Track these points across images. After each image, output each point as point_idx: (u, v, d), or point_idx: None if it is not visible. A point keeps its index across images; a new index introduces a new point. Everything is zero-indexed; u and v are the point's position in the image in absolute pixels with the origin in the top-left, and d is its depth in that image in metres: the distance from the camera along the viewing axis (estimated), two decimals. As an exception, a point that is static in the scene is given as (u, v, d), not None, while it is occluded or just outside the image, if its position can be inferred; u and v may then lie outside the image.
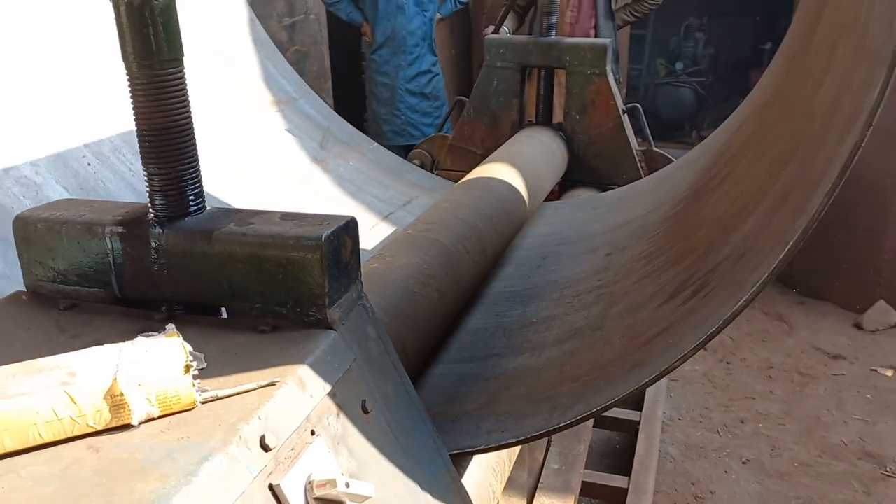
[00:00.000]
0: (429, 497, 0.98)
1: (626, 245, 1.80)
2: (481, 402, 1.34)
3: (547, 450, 2.25)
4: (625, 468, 2.35)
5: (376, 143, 2.81)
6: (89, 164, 1.73)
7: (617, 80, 3.74)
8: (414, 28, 4.05)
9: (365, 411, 0.93)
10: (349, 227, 0.97)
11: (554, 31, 2.82)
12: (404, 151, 3.84)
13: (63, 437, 0.73)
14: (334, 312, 0.94)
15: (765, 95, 1.79)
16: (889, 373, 3.17)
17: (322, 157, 2.46)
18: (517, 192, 2.27)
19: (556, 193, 2.82)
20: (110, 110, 1.83)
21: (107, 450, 0.73)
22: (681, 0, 8.17)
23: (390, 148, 3.78)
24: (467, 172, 2.42)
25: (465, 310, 1.77)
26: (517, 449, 1.68)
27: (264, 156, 2.28)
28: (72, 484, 0.68)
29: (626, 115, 2.85)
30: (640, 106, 2.97)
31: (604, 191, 2.74)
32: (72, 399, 0.73)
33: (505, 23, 3.65)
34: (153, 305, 1.01)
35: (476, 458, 1.38)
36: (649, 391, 2.70)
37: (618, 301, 1.51)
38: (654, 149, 2.86)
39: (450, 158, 3.05)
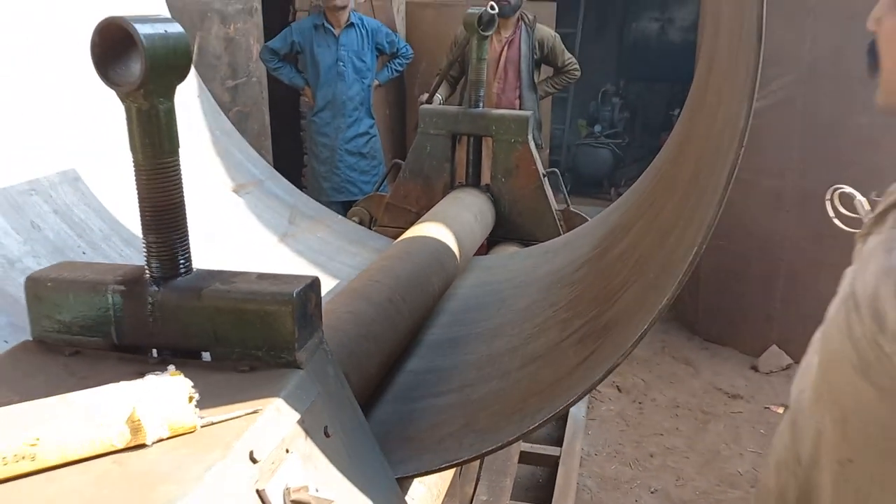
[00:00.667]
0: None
1: (541, 296, 2.08)
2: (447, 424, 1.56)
3: (476, 483, 2.47)
4: (546, 500, 2.59)
5: (340, 216, 3.04)
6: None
7: (539, 145, 4.10)
8: (353, 94, 4.34)
9: (327, 435, 1.14)
10: (314, 286, 1.20)
11: (482, 103, 3.13)
12: (343, 207, 4.07)
13: (93, 454, 0.92)
14: (301, 355, 1.15)
15: (655, 171, 2.12)
16: (780, 410, 3.54)
17: (292, 231, 2.67)
18: (449, 248, 2.52)
19: (484, 248, 3.10)
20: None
21: (129, 463, 0.92)
22: (599, 67, 8.81)
23: (329, 204, 4.01)
24: (404, 229, 2.66)
25: (403, 354, 2.00)
26: (449, 481, 1.90)
27: (239, 230, 2.49)
28: (105, 488, 0.87)
29: (545, 178, 3.16)
30: (557, 171, 3.29)
31: (526, 246, 3.04)
32: (101, 424, 0.93)
33: (438, 91, 3.98)
34: (145, 351, 1.20)
35: (415, 483, 1.60)
36: (568, 429, 2.96)
37: (534, 344, 1.77)
38: (571, 209, 3.19)
39: (387, 216, 3.29)
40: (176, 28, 1.09)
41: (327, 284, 2.50)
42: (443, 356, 2.05)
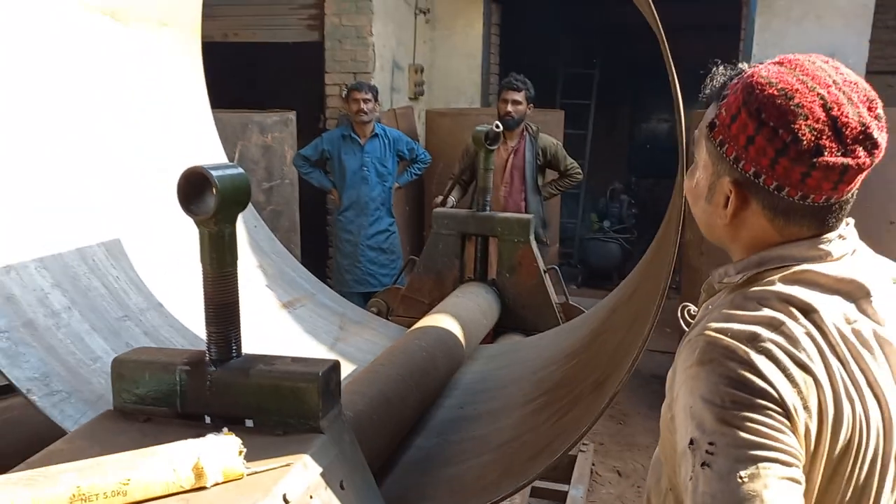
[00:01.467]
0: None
1: (529, 386, 2.39)
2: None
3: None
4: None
5: (383, 320, 3.39)
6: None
7: (544, 242, 4.46)
8: (375, 195, 4.78)
9: (342, 488, 1.44)
10: (335, 368, 1.52)
11: (489, 207, 3.50)
12: (363, 298, 4.43)
13: (167, 493, 1.23)
14: (324, 423, 1.46)
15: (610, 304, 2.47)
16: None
17: (343, 335, 3.04)
18: (456, 337, 2.83)
19: (491, 336, 3.40)
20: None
21: (193, 500, 1.23)
22: (609, 165, 9.30)
23: (351, 295, 4.37)
24: (417, 318, 2.98)
25: (412, 431, 2.29)
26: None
27: (298, 337, 2.86)
28: None
29: (546, 274, 3.49)
30: (557, 268, 3.62)
31: (529, 335, 3.33)
32: (175, 471, 1.24)
33: (451, 193, 4.39)
34: (201, 418, 1.52)
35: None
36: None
37: (521, 424, 2.07)
38: (570, 302, 3.50)
39: (402, 307, 3.62)
40: (240, 172, 1.47)
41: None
42: (448, 433, 2.34)
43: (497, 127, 3.35)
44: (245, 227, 3.14)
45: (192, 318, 2.40)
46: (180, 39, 2.93)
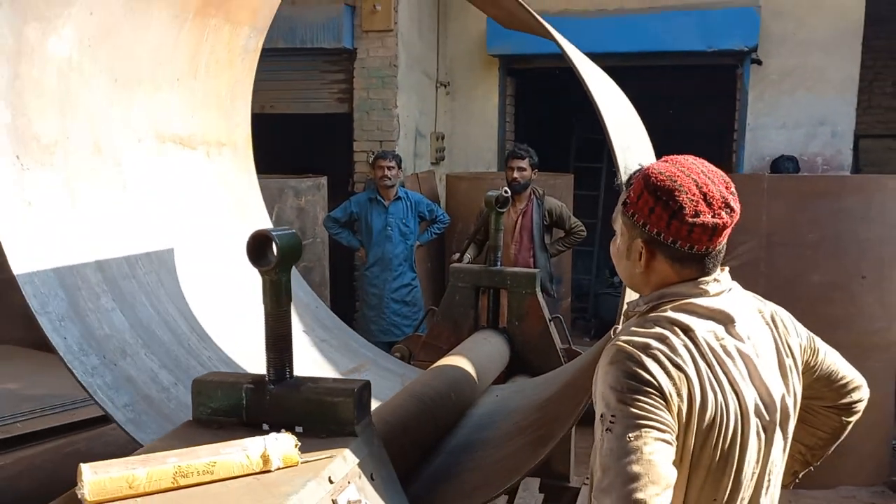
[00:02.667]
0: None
1: (532, 409, 2.78)
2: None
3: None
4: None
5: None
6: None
7: (552, 296, 4.86)
8: (398, 252, 5.25)
9: (371, 478, 1.84)
10: (366, 387, 1.93)
11: (499, 263, 3.92)
12: (387, 347, 4.84)
13: (242, 473, 1.63)
14: (358, 429, 1.87)
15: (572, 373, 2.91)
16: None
17: None
18: (470, 376, 3.22)
19: (502, 378, 3.77)
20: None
21: (262, 480, 1.63)
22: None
23: (376, 344, 4.78)
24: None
25: (429, 452, 2.67)
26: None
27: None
28: (252, 492, 1.57)
29: (551, 323, 3.87)
30: (560, 317, 4.01)
31: (535, 377, 3.71)
32: (248, 457, 1.65)
33: (468, 251, 4.83)
34: (260, 425, 1.94)
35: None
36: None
37: (520, 439, 2.46)
38: (573, 348, 3.88)
39: (423, 352, 4.01)
40: (294, 233, 1.92)
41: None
42: (458, 456, 2.72)
43: (506, 192, 3.81)
44: (308, 308, 3.62)
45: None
46: (238, 154, 3.47)
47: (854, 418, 1.70)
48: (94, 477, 1.51)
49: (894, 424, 4.60)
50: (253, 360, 2.71)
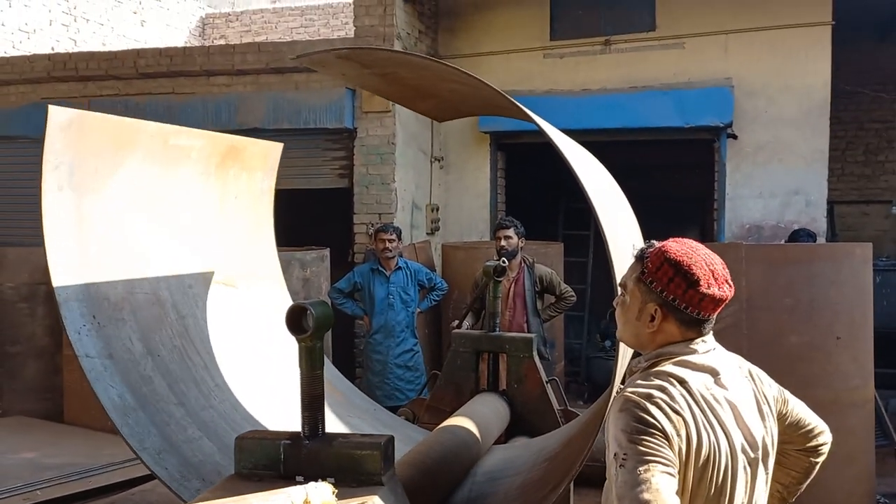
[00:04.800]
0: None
1: (532, 467, 3.01)
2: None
3: None
4: None
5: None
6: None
7: (546, 359, 5.11)
8: (401, 319, 5.52)
9: (398, 524, 2.07)
10: (391, 441, 2.18)
11: (498, 328, 4.19)
12: (391, 411, 5.05)
13: (287, 517, 1.87)
14: (384, 479, 2.10)
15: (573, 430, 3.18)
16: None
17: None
18: (475, 435, 3.44)
19: (503, 438, 3.98)
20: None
21: (305, 522, 1.86)
22: (609, 289, 10.02)
23: (380, 408, 4.99)
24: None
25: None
26: None
27: None
28: None
29: (548, 384, 4.11)
30: (557, 380, 4.25)
31: (534, 437, 3.92)
32: (292, 502, 1.89)
33: (466, 319, 5.10)
34: (294, 478, 2.17)
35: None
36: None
37: (525, 493, 2.69)
38: (569, 408, 4.11)
39: (427, 415, 4.21)
40: (327, 304, 2.21)
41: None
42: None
43: (503, 262, 4.11)
44: (345, 394, 3.91)
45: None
46: (272, 283, 3.85)
47: (820, 459, 1.96)
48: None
49: (877, 479, 4.81)
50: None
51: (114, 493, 4.22)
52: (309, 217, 7.80)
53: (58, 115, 2.48)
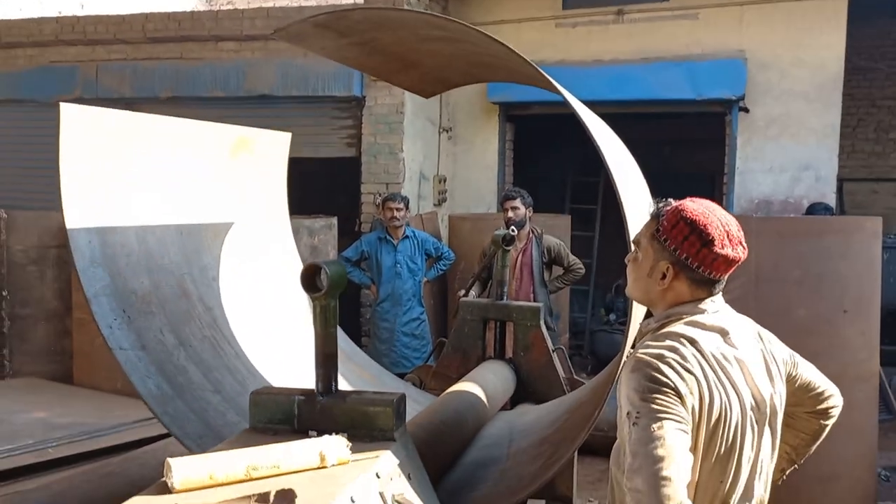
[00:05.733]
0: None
1: (529, 440, 3.05)
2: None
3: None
4: None
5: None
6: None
7: (552, 329, 5.13)
8: (408, 288, 5.54)
9: (409, 478, 2.09)
10: (403, 398, 2.20)
11: (505, 297, 4.21)
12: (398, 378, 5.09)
13: (302, 469, 1.89)
14: (396, 435, 2.13)
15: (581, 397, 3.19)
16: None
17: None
18: (482, 400, 3.47)
19: (508, 405, 4.02)
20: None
21: (321, 474, 1.88)
22: (615, 263, 10.04)
23: (387, 375, 5.03)
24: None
25: (446, 470, 2.92)
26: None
27: None
28: (313, 482, 1.83)
29: (554, 353, 4.13)
30: (563, 348, 4.28)
31: (539, 404, 3.96)
32: (306, 455, 1.91)
33: (472, 288, 5.12)
34: (307, 433, 2.19)
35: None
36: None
37: (533, 456, 2.72)
38: (574, 377, 4.14)
39: (434, 381, 4.25)
40: (341, 264, 2.22)
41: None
42: (474, 471, 2.97)
43: (512, 231, 4.12)
44: (353, 358, 3.97)
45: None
46: (291, 270, 3.91)
47: (830, 422, 1.98)
48: (181, 469, 1.77)
49: (879, 453, 4.86)
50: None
51: (125, 451, 4.27)
52: (316, 186, 7.79)
53: (70, 113, 2.48)
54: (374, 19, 2.75)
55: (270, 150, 3.82)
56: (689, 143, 9.43)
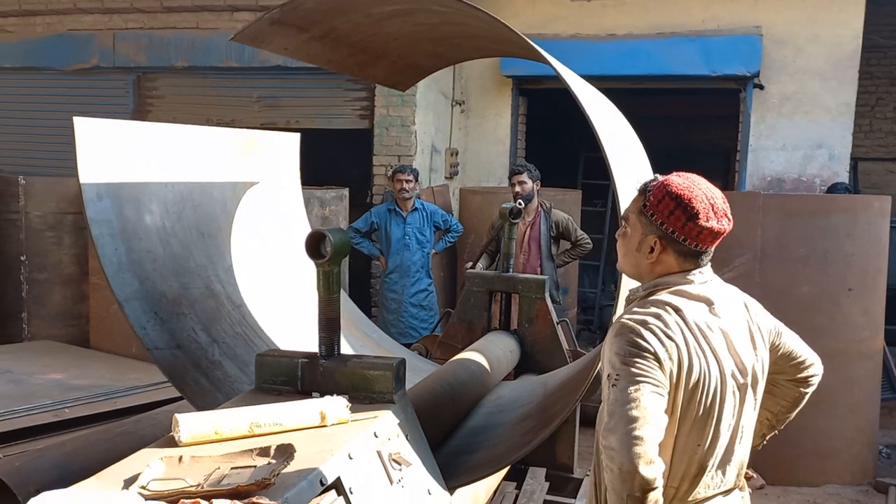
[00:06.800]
0: (430, 478, 2.21)
1: (527, 408, 3.13)
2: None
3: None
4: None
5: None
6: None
7: (558, 302, 5.18)
8: (416, 259, 5.61)
9: (407, 439, 2.18)
10: (403, 363, 2.28)
11: (511, 269, 4.26)
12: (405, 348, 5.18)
13: (303, 427, 1.97)
14: (396, 397, 2.20)
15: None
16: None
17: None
18: (486, 369, 3.55)
19: (511, 376, 4.10)
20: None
21: (321, 432, 1.96)
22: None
23: (394, 344, 5.12)
24: (452, 360, 3.71)
25: (447, 436, 3.00)
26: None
27: None
28: (314, 439, 1.91)
29: (559, 325, 4.20)
30: (568, 321, 4.34)
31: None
32: (308, 414, 1.99)
33: (480, 260, 5.18)
34: (310, 394, 2.28)
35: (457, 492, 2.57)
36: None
37: (526, 423, 2.80)
38: (578, 349, 4.21)
39: (439, 351, 4.33)
40: (344, 231, 2.28)
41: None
42: (473, 436, 3.05)
43: (520, 204, 4.16)
44: (359, 326, 4.05)
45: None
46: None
47: (810, 390, 2.03)
48: (188, 424, 1.86)
49: (881, 430, 4.90)
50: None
51: (139, 413, 4.39)
52: (328, 157, 7.85)
53: (85, 127, 2.55)
54: (326, 3, 2.69)
55: (282, 150, 3.90)
56: (702, 119, 9.36)
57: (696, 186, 1.76)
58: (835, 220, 4.47)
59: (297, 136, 4.07)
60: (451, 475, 2.48)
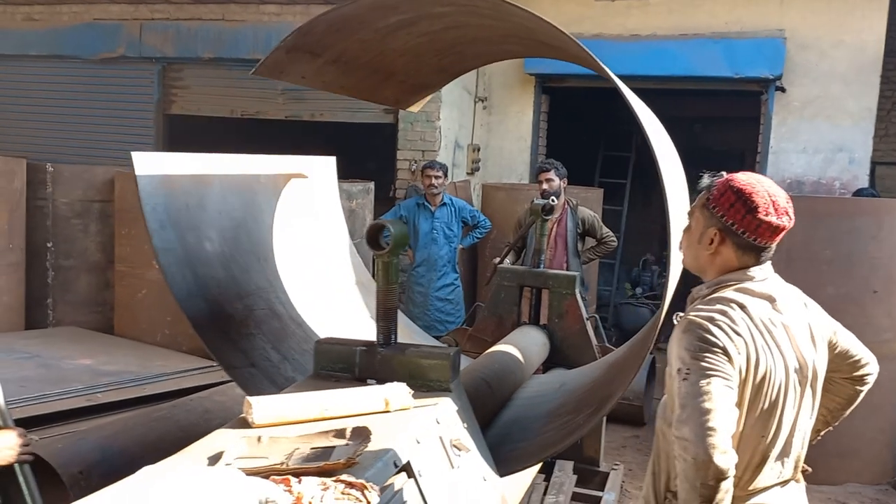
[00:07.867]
0: (484, 465, 2.28)
1: (559, 403, 3.19)
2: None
3: None
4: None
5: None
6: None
7: (584, 299, 5.24)
8: (443, 254, 5.67)
9: (464, 425, 2.24)
10: (458, 353, 2.34)
11: (542, 265, 4.33)
12: (430, 340, 5.25)
13: (367, 412, 2.04)
14: (451, 385, 2.27)
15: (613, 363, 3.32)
16: None
17: None
18: (520, 362, 3.61)
19: (540, 370, 4.16)
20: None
21: (386, 417, 2.03)
22: (642, 238, 10.11)
23: (420, 336, 5.18)
24: (481, 354, 3.77)
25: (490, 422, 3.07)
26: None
27: None
28: (382, 423, 1.98)
29: (588, 321, 4.26)
30: (597, 316, 4.40)
31: (571, 369, 4.09)
32: (372, 400, 2.06)
33: (507, 257, 5.23)
34: (367, 380, 2.34)
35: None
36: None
37: (562, 417, 2.86)
38: (606, 345, 4.27)
39: (469, 344, 4.39)
40: (404, 224, 2.35)
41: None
42: (509, 429, 3.12)
43: (553, 200, 4.22)
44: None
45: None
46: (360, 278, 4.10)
47: (865, 388, 2.09)
48: (261, 407, 1.93)
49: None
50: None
51: (170, 399, 4.46)
52: (351, 151, 7.91)
53: (143, 160, 2.65)
54: (335, 23, 2.74)
55: (321, 174, 4.04)
56: (719, 120, 9.39)
57: (758, 183, 1.83)
58: (860, 223, 4.52)
59: (333, 159, 4.18)
60: (497, 464, 2.55)
